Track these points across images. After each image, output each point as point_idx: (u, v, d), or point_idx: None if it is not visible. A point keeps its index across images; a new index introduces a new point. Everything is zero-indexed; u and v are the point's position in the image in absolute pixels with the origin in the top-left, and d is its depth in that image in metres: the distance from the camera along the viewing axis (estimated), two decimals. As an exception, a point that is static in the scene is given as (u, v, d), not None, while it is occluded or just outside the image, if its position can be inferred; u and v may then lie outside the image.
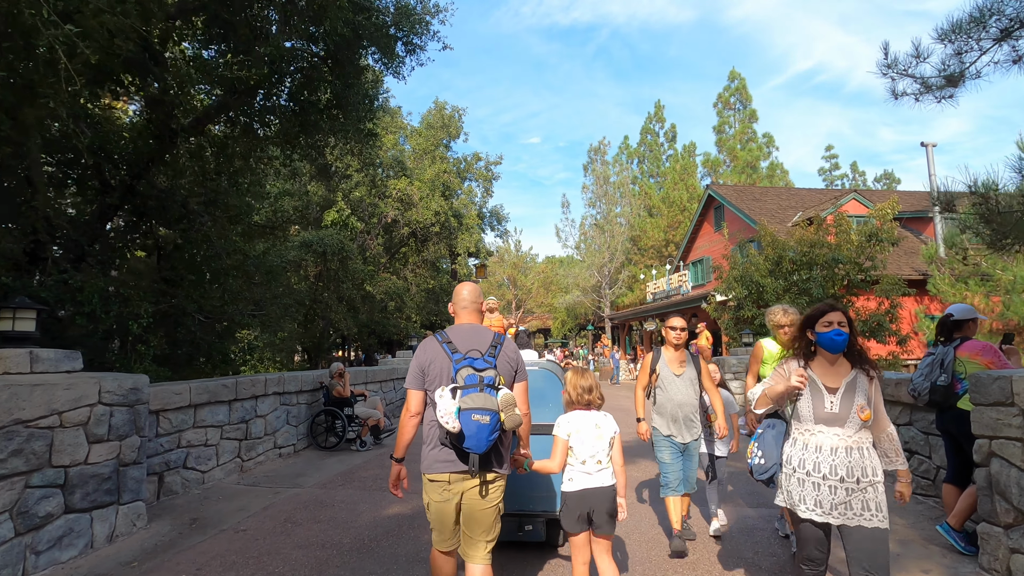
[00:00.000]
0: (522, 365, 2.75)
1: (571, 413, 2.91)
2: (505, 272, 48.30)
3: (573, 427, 2.84)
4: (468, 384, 2.44)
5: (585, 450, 2.80)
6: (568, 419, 2.87)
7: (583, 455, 2.80)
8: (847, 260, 12.44)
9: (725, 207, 23.90)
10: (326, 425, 7.81)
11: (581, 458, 2.80)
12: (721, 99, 36.24)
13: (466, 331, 2.67)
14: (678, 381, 3.87)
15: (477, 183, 17.98)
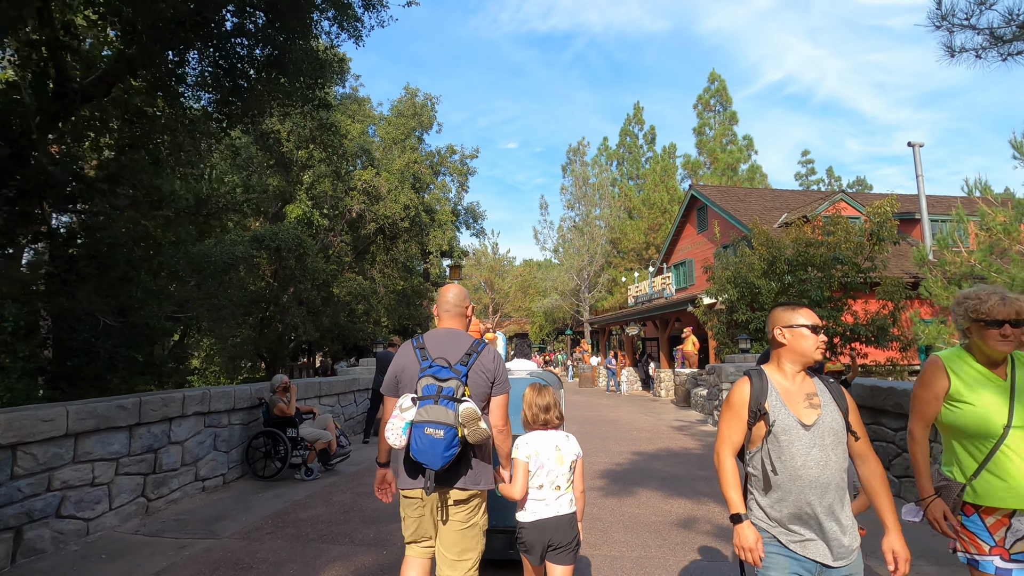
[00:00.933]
0: (502, 377, 2.50)
1: (530, 434, 2.65)
2: (482, 275, 47.10)
3: (532, 449, 2.58)
4: (425, 395, 2.28)
5: (543, 475, 2.56)
6: (527, 440, 2.61)
7: (542, 480, 2.56)
8: (847, 260, 11.65)
9: (709, 208, 23.19)
10: (265, 450, 6.55)
11: (539, 483, 2.56)
12: (701, 101, 35.81)
13: (442, 337, 2.51)
14: (808, 436, 1.89)
15: (451, 177, 16.84)
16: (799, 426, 1.89)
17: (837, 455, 1.89)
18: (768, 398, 1.94)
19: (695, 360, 17.07)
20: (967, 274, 11.41)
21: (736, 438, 2.00)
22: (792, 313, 2.03)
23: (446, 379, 2.31)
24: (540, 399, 2.68)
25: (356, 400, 9.91)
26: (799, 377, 2.00)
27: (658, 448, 8.33)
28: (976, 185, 12.00)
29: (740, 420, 1.99)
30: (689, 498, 5.57)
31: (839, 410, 1.95)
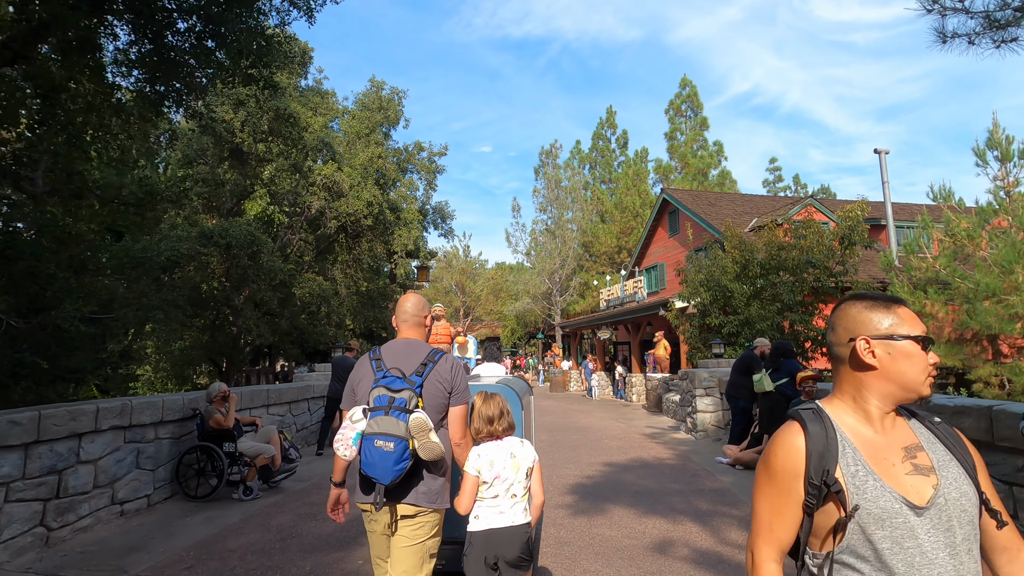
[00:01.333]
0: (460, 387, 2.41)
1: (483, 445, 2.50)
2: (453, 278, 46.43)
3: (485, 460, 2.45)
4: (376, 406, 2.20)
5: (499, 483, 2.42)
6: (479, 452, 2.47)
7: (497, 488, 2.42)
8: (819, 263, 11.52)
9: (680, 211, 23.14)
10: (199, 466, 5.87)
11: (494, 492, 2.42)
12: (673, 106, 36.02)
13: (398, 347, 2.46)
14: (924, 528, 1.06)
15: (419, 175, 16.22)
16: (906, 509, 1.07)
17: (973, 558, 1.08)
18: (841, 459, 1.12)
19: (667, 365, 16.84)
20: (932, 279, 11.41)
21: (783, 532, 1.17)
22: (886, 314, 1.19)
23: (399, 390, 2.23)
24: (486, 409, 2.53)
25: (310, 409, 9.25)
26: (889, 419, 1.18)
27: (630, 458, 7.93)
28: (941, 192, 12.04)
29: (789, 500, 1.16)
30: (664, 516, 5.15)
31: (965, 473, 1.12)
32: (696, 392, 9.64)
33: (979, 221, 10.72)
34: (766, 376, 6.58)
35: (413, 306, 2.57)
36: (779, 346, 6.74)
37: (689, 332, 13.28)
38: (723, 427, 9.43)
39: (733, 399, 7.88)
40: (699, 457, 7.93)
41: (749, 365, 7.63)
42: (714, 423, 9.56)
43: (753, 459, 6.99)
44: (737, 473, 6.86)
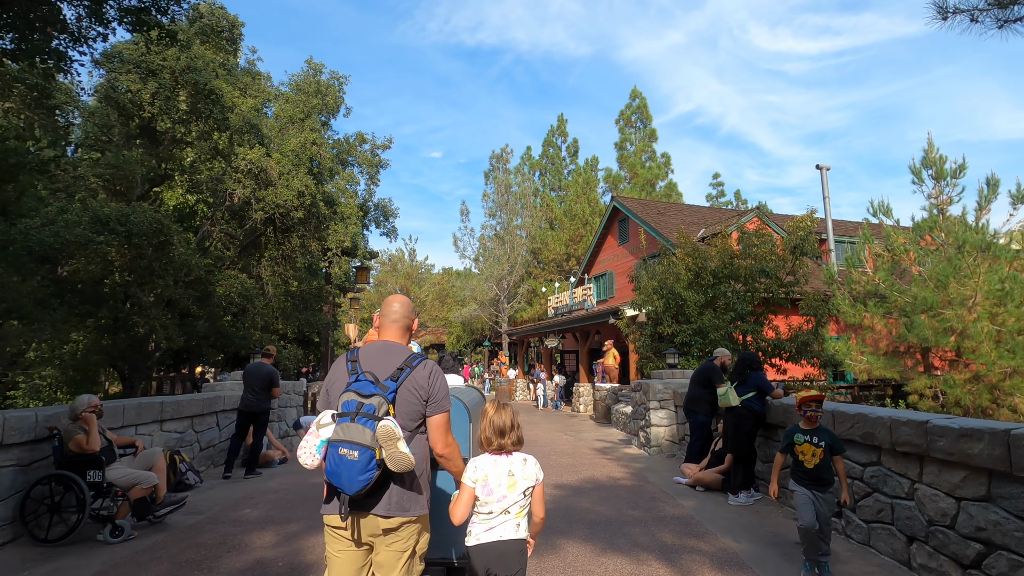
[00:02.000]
0: (439, 395, 2.24)
1: (482, 457, 2.39)
2: (398, 282, 44.92)
3: (481, 474, 2.34)
4: (344, 411, 2.07)
5: (494, 500, 2.32)
6: (477, 464, 2.36)
7: (492, 506, 2.32)
8: (772, 273, 11.32)
9: (631, 220, 23.00)
10: (52, 501, 4.67)
11: (488, 508, 2.33)
12: (623, 116, 36.32)
13: (376, 349, 2.31)
14: None
15: (360, 168, 15.07)
16: None
17: None
18: None
19: (616, 374, 16.40)
20: (872, 292, 11.44)
21: None
22: None
23: (369, 395, 2.11)
24: (498, 418, 2.41)
25: (219, 423, 8.03)
26: None
27: (582, 478, 7.23)
28: (880, 207, 12.17)
29: None
30: (626, 554, 4.43)
31: None
32: (650, 405, 9.09)
33: (915, 237, 10.85)
34: (731, 390, 6.05)
35: (401, 307, 2.44)
36: (745, 357, 6.23)
37: (640, 341, 12.82)
38: (678, 442, 8.91)
39: (692, 413, 7.33)
40: (656, 476, 7.33)
41: (709, 377, 7.10)
42: (669, 438, 9.02)
43: (715, 479, 6.43)
44: (699, 496, 6.27)
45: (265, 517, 5.46)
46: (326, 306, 16.10)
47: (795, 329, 11.24)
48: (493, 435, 2.38)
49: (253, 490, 6.66)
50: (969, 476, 3.44)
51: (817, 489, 3.95)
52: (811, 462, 3.98)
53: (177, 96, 10.16)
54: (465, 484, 2.33)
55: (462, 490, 2.33)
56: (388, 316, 2.42)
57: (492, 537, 2.32)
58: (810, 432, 4.08)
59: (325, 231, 11.42)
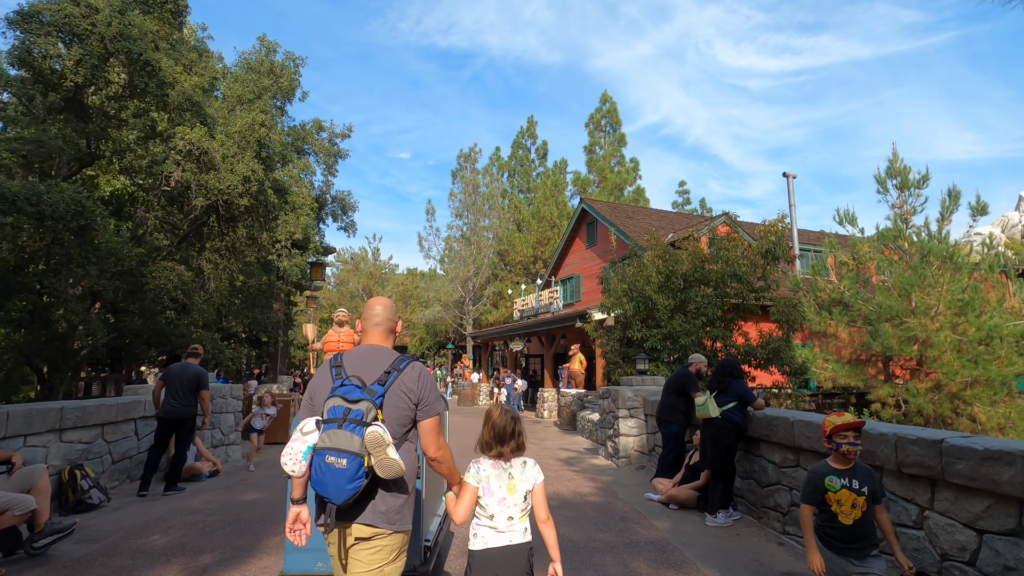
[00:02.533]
0: (429, 398, 2.18)
1: (481, 458, 2.40)
2: (360, 282, 43.60)
3: (483, 475, 2.36)
4: (330, 418, 1.99)
5: (493, 503, 2.33)
6: (480, 466, 2.37)
7: (492, 509, 2.33)
8: (744, 277, 11.02)
9: (599, 223, 22.68)
10: None
11: (489, 512, 2.33)
12: (593, 120, 36.17)
13: (362, 353, 2.24)
14: None
15: (317, 158, 14.11)
16: None
17: None
18: None
19: (582, 380, 15.92)
20: (837, 300, 11.28)
21: None
22: None
23: (356, 400, 2.02)
24: (500, 422, 2.40)
25: (138, 432, 7.08)
26: None
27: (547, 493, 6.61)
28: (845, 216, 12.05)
29: None
30: (596, 590, 3.84)
31: None
32: (619, 413, 8.57)
33: (879, 245, 10.76)
34: (711, 399, 5.55)
35: (384, 309, 2.39)
36: (726, 364, 5.74)
37: (608, 346, 12.35)
38: (648, 453, 8.42)
39: (664, 423, 6.83)
40: (625, 492, 6.78)
41: (684, 384, 6.62)
42: (638, 448, 8.52)
43: (690, 496, 5.92)
44: (673, 515, 5.74)
45: (175, 546, 4.64)
46: (277, 304, 15.09)
47: (765, 336, 10.96)
48: (493, 441, 2.37)
49: (169, 510, 5.79)
50: (994, 505, 2.97)
51: (854, 555, 2.86)
52: (850, 515, 2.86)
53: (108, 66, 9.13)
54: (468, 483, 2.33)
55: (464, 489, 2.33)
56: (371, 320, 2.35)
57: (501, 541, 2.31)
58: (847, 473, 2.93)
59: (274, 221, 10.46)
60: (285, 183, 11.07)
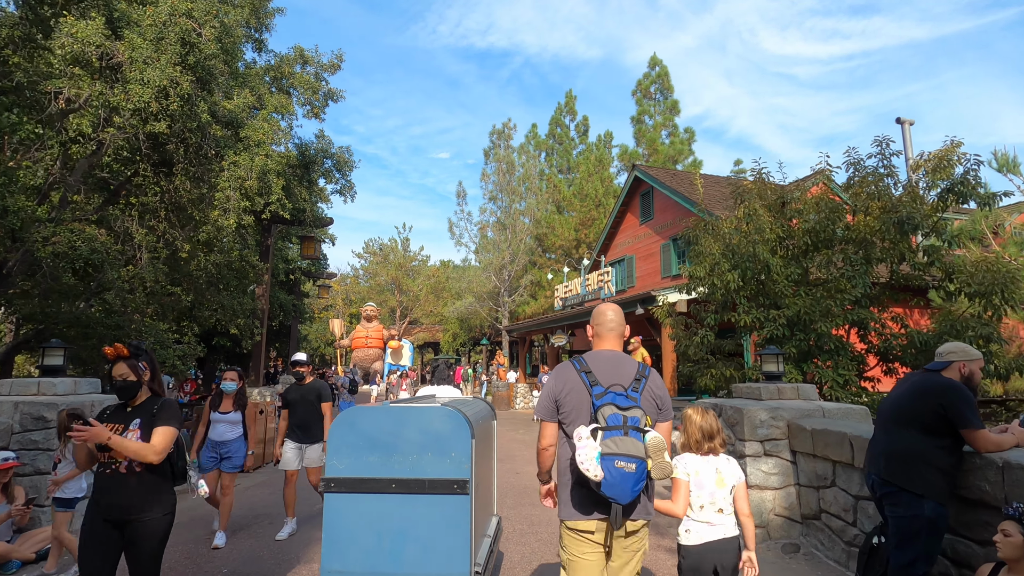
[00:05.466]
0: (668, 401, 2.42)
1: (687, 455, 2.66)
2: (389, 274, 40.88)
3: (692, 468, 2.60)
4: (611, 425, 2.15)
5: (704, 496, 2.57)
6: (686, 460, 2.64)
7: (702, 500, 2.57)
8: (918, 223, 7.13)
9: (656, 192, 18.87)
10: None
11: (699, 504, 2.58)
12: (640, 87, 32.11)
13: (608, 360, 2.38)
14: None
15: (298, 95, 10.91)
16: None
17: None
18: None
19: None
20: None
21: None
22: None
23: (627, 408, 2.19)
24: (704, 422, 2.65)
25: None
26: None
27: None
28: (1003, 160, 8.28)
29: None
30: None
31: None
32: (746, 447, 4.97)
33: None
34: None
35: (616, 315, 2.51)
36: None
37: (690, 337, 8.67)
38: (802, 522, 4.80)
39: (897, 493, 3.10)
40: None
41: (948, 408, 3.00)
42: (784, 511, 4.90)
43: None
44: None
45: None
46: (260, 288, 12.03)
47: (955, 318, 6.99)
48: (703, 439, 2.66)
49: None
50: None
51: None
52: None
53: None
54: (679, 478, 2.59)
55: (678, 484, 2.60)
56: (605, 325, 2.48)
57: (717, 534, 2.52)
58: None
59: (219, 161, 7.36)
60: (236, 113, 7.91)
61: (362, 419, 2.44)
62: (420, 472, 2.35)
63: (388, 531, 2.29)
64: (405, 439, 2.38)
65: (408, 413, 2.42)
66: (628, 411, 2.16)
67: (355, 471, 2.32)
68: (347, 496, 2.31)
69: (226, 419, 5.24)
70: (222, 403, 5.28)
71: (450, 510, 2.33)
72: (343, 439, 2.39)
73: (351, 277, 44.91)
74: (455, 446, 2.47)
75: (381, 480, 2.33)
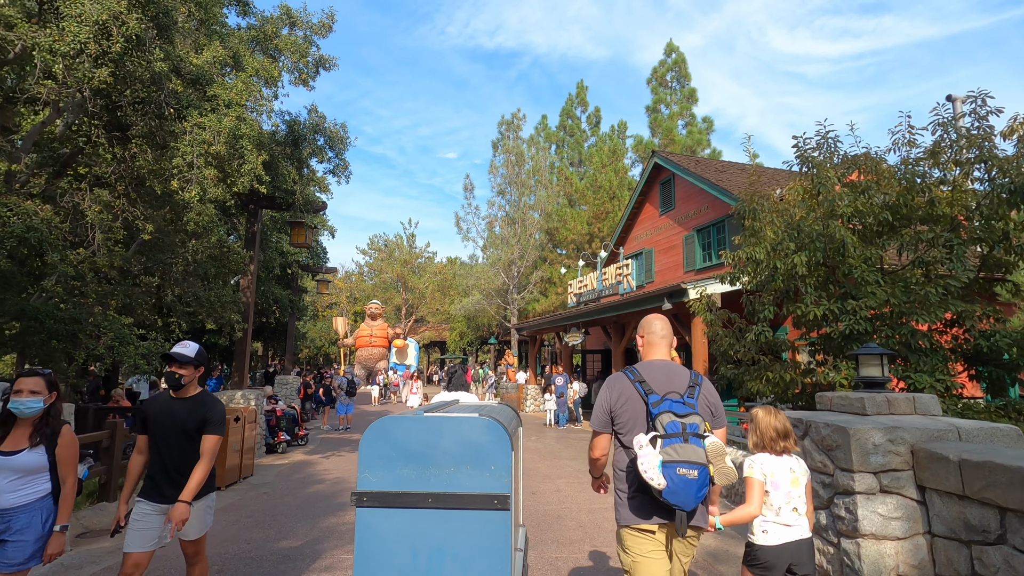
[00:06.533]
0: (721, 408, 2.45)
1: (761, 455, 2.69)
2: (394, 270, 39.68)
3: (768, 469, 2.62)
4: (670, 433, 2.18)
5: (780, 497, 2.59)
6: (760, 460, 2.66)
7: (778, 502, 2.59)
8: None
9: (677, 180, 17.50)
10: None
11: (776, 505, 2.59)
12: (656, 75, 30.71)
13: (661, 369, 2.44)
14: None
15: (285, 59, 9.70)
16: None
17: None
18: None
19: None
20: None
21: None
22: None
23: (685, 415, 2.22)
24: (777, 422, 2.69)
25: None
26: None
27: None
28: None
29: None
30: None
31: None
32: (854, 481, 3.66)
33: None
34: None
35: (664, 324, 2.57)
36: None
37: (747, 335, 7.33)
38: (943, 587, 3.46)
39: None
40: None
41: None
42: (911, 569, 3.57)
43: None
44: None
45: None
46: (245, 279, 10.81)
47: None
48: (777, 437, 2.67)
49: None
50: None
51: None
52: None
53: None
54: (754, 478, 2.60)
55: (752, 485, 2.59)
56: (656, 334, 2.54)
57: (794, 535, 2.56)
58: None
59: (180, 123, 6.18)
60: (202, 68, 6.66)
61: (396, 428, 2.26)
62: (458, 486, 2.25)
63: (424, 549, 2.18)
64: (442, 450, 2.23)
65: (444, 423, 2.27)
66: (686, 418, 2.20)
67: (389, 485, 2.21)
68: (381, 511, 2.21)
69: (13, 464, 2.76)
70: (8, 435, 2.82)
71: (490, 527, 2.23)
72: (377, 449, 2.24)
73: (355, 274, 43.80)
74: (495, 459, 2.31)
75: (417, 494, 2.21)
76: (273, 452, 11.08)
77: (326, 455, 10.82)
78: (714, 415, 2.38)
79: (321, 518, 6.08)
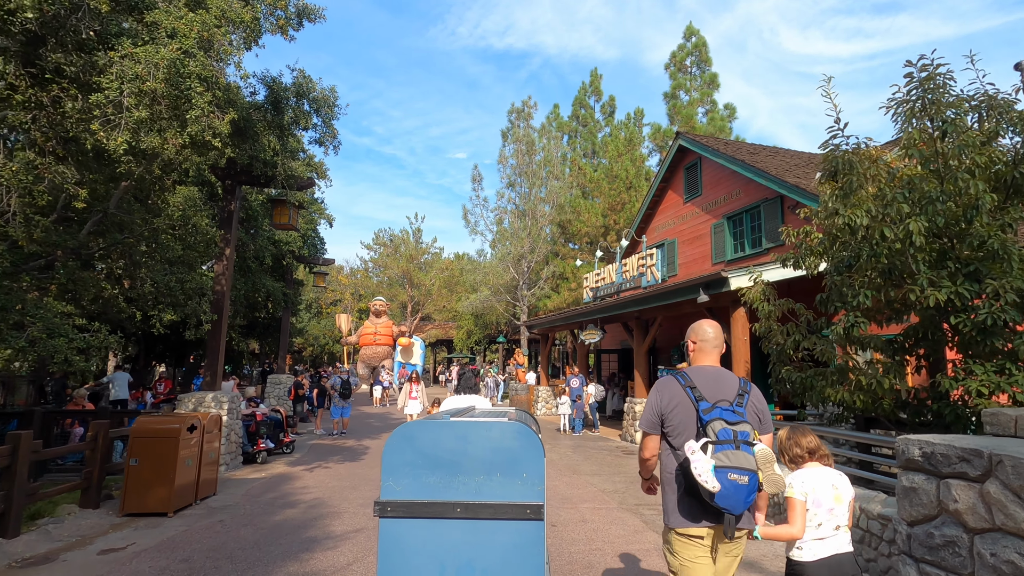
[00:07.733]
0: (768, 414, 2.49)
1: (804, 471, 2.59)
2: (400, 266, 38.32)
3: (809, 486, 2.51)
4: (722, 439, 2.22)
5: (823, 513, 2.49)
6: (803, 477, 2.55)
7: (820, 518, 2.49)
8: None
9: (705, 163, 15.93)
10: None
11: (817, 521, 2.48)
12: (675, 60, 29.07)
13: (712, 375, 2.46)
14: None
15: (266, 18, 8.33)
16: None
17: None
18: None
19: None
20: None
21: None
22: None
23: (735, 422, 2.26)
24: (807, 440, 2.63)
25: None
26: None
27: None
28: None
29: None
30: None
31: None
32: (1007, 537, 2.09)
33: None
34: None
35: (715, 331, 2.58)
36: None
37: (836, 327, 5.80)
38: None
39: None
40: None
41: None
42: None
43: None
44: None
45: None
46: (220, 264, 9.41)
47: None
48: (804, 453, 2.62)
49: None
50: None
51: None
52: None
53: None
54: (795, 498, 2.49)
55: (794, 506, 2.49)
56: (709, 341, 2.54)
57: (834, 549, 2.46)
58: None
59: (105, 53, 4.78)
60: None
61: (421, 434, 2.14)
62: (488, 495, 2.14)
63: (453, 561, 2.07)
64: (470, 457, 2.12)
65: (473, 428, 2.17)
66: (737, 425, 2.24)
67: (414, 494, 2.09)
68: (406, 522, 2.09)
69: None
70: None
71: (522, 538, 2.11)
72: (400, 456, 2.12)
73: (360, 271, 42.52)
74: (527, 466, 2.19)
75: (444, 504, 2.10)
76: (251, 462, 9.69)
77: (310, 467, 9.41)
78: (761, 422, 2.41)
79: (278, 564, 4.64)
